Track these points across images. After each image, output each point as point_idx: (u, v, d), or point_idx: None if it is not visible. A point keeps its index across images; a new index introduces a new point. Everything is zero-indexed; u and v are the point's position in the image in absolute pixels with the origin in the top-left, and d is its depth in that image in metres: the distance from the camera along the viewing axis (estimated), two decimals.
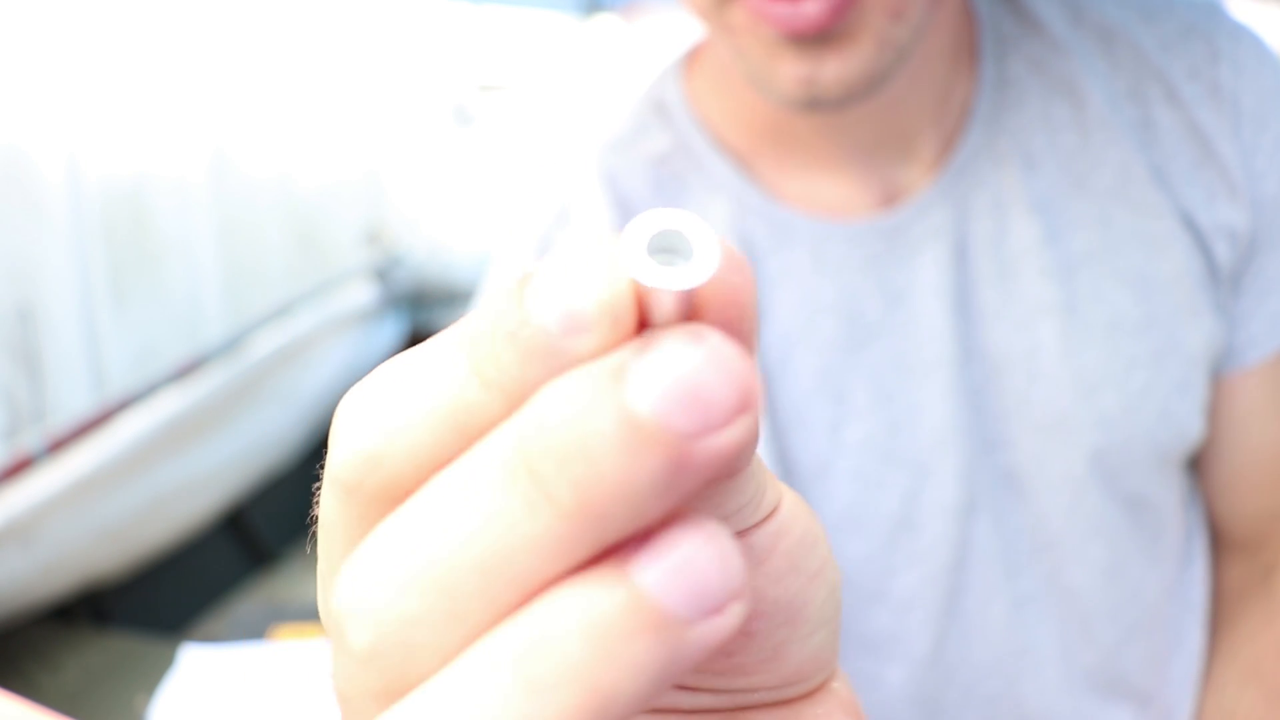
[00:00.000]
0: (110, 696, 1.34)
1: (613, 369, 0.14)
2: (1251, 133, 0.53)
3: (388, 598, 0.14)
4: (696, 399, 0.13)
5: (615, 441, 0.13)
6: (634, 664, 0.13)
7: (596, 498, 0.13)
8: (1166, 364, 0.54)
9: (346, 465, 0.15)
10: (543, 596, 0.14)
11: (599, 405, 0.13)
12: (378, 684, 0.15)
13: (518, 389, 0.14)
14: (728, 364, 0.14)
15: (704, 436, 0.13)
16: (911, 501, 0.56)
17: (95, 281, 1.56)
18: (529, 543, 0.14)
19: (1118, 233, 0.54)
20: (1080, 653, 0.57)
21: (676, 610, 0.14)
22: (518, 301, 0.14)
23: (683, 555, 0.14)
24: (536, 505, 0.13)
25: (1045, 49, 0.56)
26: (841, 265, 0.55)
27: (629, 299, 0.14)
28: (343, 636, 0.15)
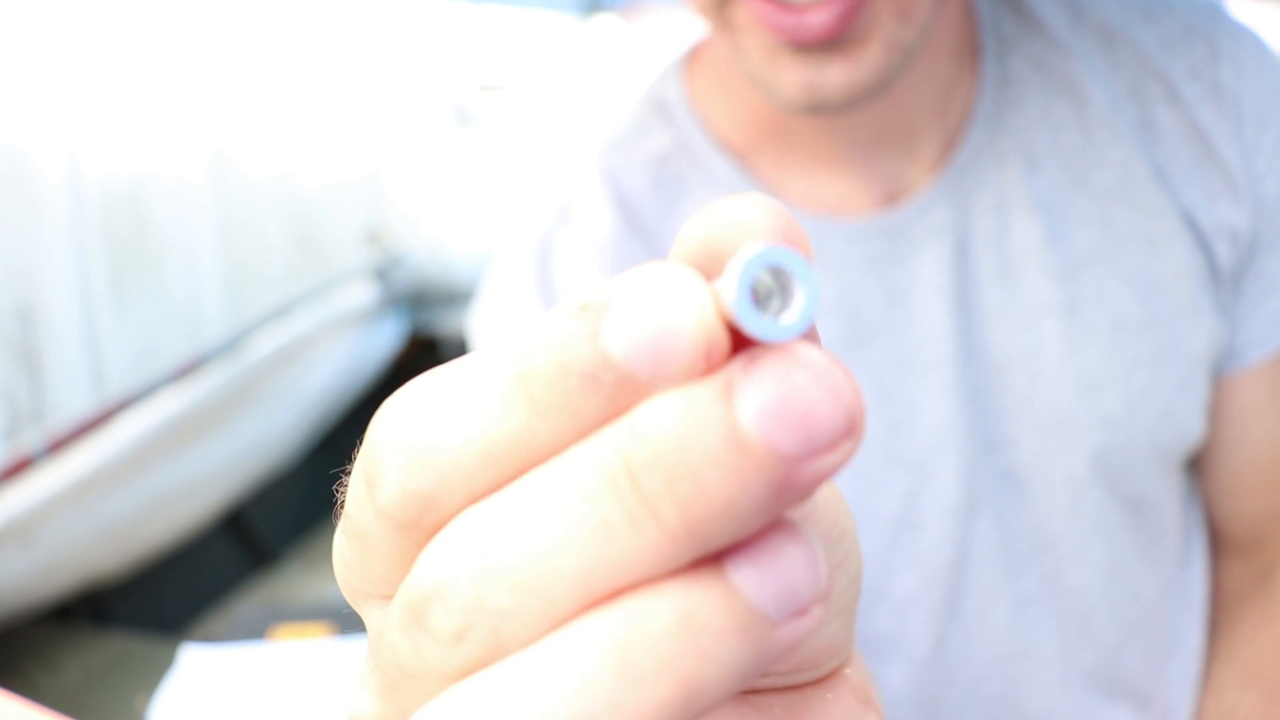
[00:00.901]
0: (110, 696, 1.34)
1: (721, 387, 0.14)
2: (1252, 133, 0.53)
3: (479, 590, 0.14)
4: (805, 421, 0.13)
5: (723, 461, 0.13)
6: (724, 659, 0.14)
7: (701, 517, 0.13)
8: (1168, 364, 0.54)
9: (398, 505, 0.15)
10: (642, 590, 0.14)
11: (707, 424, 0.13)
12: (456, 665, 0.15)
13: (592, 425, 0.14)
14: (837, 384, 0.14)
15: (810, 460, 0.14)
16: (912, 501, 0.55)
17: (95, 281, 1.56)
18: (629, 554, 0.14)
19: (1119, 232, 0.54)
20: (1080, 653, 0.57)
21: (768, 610, 0.14)
22: (590, 335, 0.14)
23: (777, 559, 0.14)
24: (640, 520, 0.14)
25: (1046, 48, 0.55)
26: (842, 264, 0.55)
27: (725, 336, 0.14)
28: (423, 619, 0.15)
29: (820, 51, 0.45)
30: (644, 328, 0.14)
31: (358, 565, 0.17)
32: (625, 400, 0.14)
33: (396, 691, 0.16)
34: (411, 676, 0.15)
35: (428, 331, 2.40)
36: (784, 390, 0.13)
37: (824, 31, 0.44)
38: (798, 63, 0.46)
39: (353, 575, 0.17)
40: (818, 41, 0.44)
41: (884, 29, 0.45)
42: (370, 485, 0.15)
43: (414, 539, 0.15)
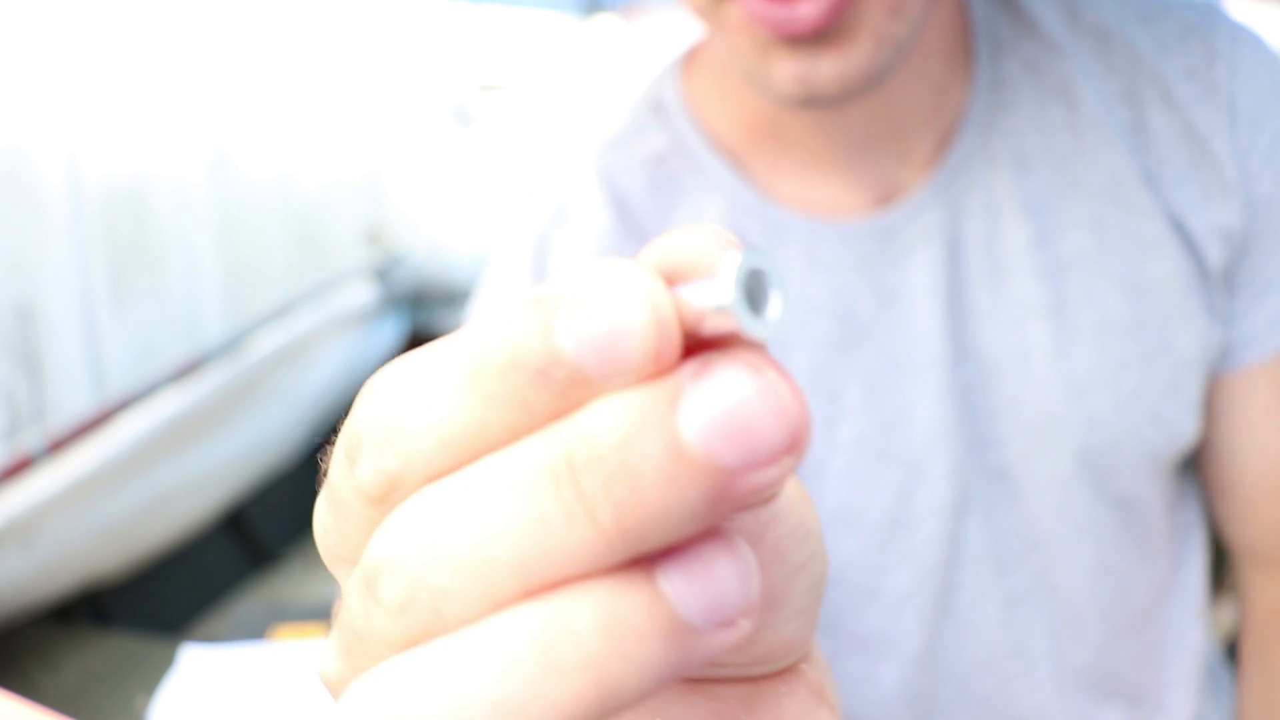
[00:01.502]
0: (110, 696, 1.34)
1: (668, 395, 0.14)
2: (1247, 132, 0.53)
3: (423, 567, 0.15)
4: (746, 436, 0.14)
5: (661, 469, 0.14)
6: (643, 663, 0.14)
7: (635, 520, 0.14)
8: (1157, 366, 0.54)
9: (371, 481, 0.16)
10: (572, 586, 0.14)
11: (650, 431, 0.14)
12: (400, 635, 0.15)
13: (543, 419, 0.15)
14: (782, 401, 0.14)
15: (747, 473, 0.14)
16: (904, 500, 0.56)
17: (95, 281, 1.56)
18: (564, 548, 0.14)
19: (1108, 234, 0.54)
20: (1072, 651, 0.58)
21: (692, 620, 0.14)
22: (542, 332, 0.14)
23: (707, 568, 0.14)
24: (576, 518, 0.14)
25: (1040, 50, 0.56)
26: (835, 265, 0.55)
27: (677, 339, 0.14)
28: (374, 588, 0.15)
29: (812, 44, 0.46)
30: (595, 326, 0.14)
31: (336, 532, 0.17)
32: (576, 396, 0.14)
33: (352, 653, 0.17)
34: (363, 640, 0.16)
35: (428, 331, 2.40)
36: (729, 402, 0.14)
37: (814, 23, 0.44)
38: (791, 56, 0.46)
39: (331, 541, 0.18)
40: (808, 33, 0.44)
41: (873, 23, 0.45)
42: (351, 460, 0.16)
43: (384, 512, 0.16)
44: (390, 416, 0.15)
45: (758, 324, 0.14)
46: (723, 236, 0.16)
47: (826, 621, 0.57)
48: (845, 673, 0.58)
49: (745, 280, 0.14)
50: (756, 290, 0.15)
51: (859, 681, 0.58)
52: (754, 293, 0.15)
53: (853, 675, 0.58)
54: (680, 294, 0.15)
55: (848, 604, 0.57)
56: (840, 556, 0.57)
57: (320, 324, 2.00)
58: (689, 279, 0.15)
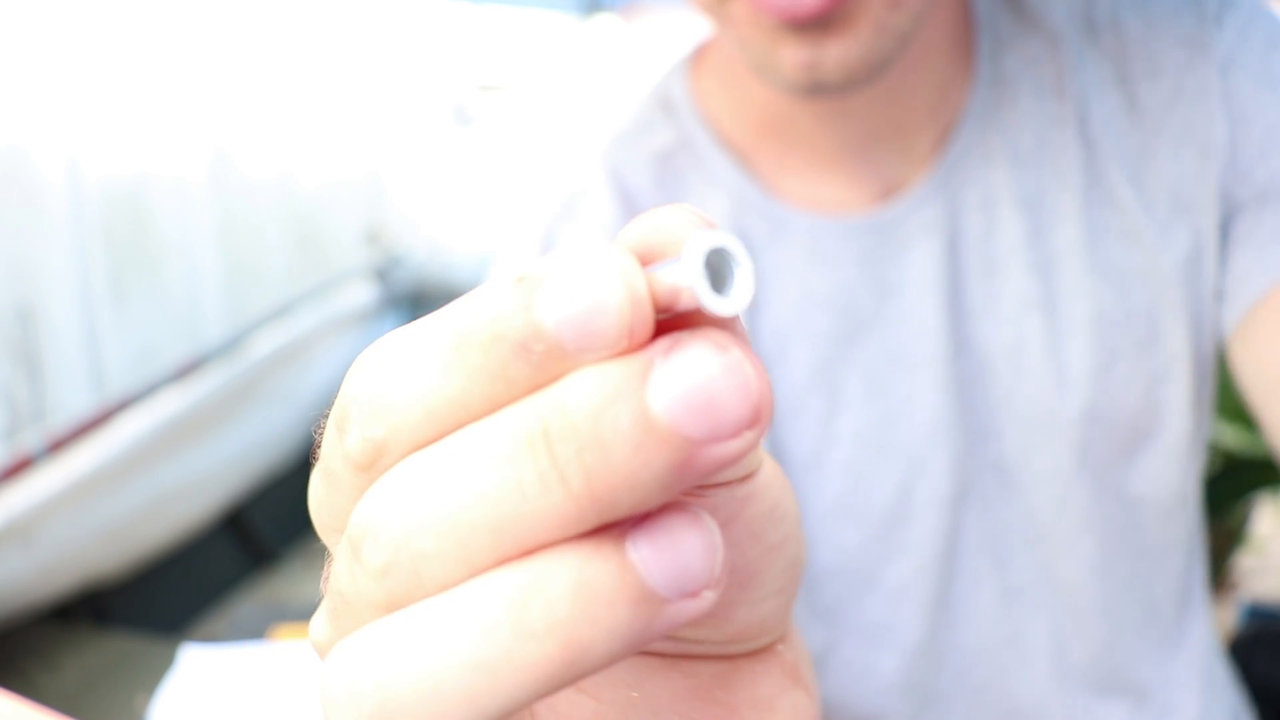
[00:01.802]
0: (110, 696, 1.34)
1: (639, 369, 0.15)
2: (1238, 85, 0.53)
3: (405, 531, 0.16)
4: (711, 410, 0.14)
5: (630, 438, 0.14)
6: (611, 628, 0.15)
7: (604, 486, 0.15)
8: (1149, 356, 0.54)
9: (359, 449, 0.16)
10: (545, 552, 0.15)
11: (621, 402, 0.14)
12: (383, 597, 0.16)
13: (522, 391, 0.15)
14: (746, 378, 0.15)
15: (711, 444, 0.15)
16: (904, 492, 0.56)
17: (95, 281, 1.56)
18: (537, 513, 0.15)
19: (1097, 227, 0.54)
20: (1072, 646, 0.58)
21: (658, 588, 0.15)
22: (523, 307, 0.15)
23: (674, 539, 0.15)
24: (549, 483, 0.15)
25: (1041, 45, 0.56)
26: (836, 260, 0.56)
27: (649, 315, 0.15)
28: (358, 551, 0.16)
29: (816, 32, 0.46)
30: (574, 302, 0.15)
31: (327, 501, 0.18)
32: (554, 369, 0.15)
33: (340, 617, 0.17)
34: (350, 604, 0.17)
35: None
36: (695, 378, 0.14)
37: (817, 8, 0.45)
38: (797, 44, 0.47)
39: (323, 510, 0.18)
40: (812, 17, 0.45)
41: (873, 12, 0.46)
42: (340, 430, 0.17)
43: (370, 480, 0.17)
44: (377, 387, 0.16)
45: (720, 301, 0.15)
46: (696, 216, 0.16)
47: (827, 612, 0.58)
48: (845, 662, 0.58)
49: (709, 259, 0.15)
50: (721, 269, 0.15)
51: (859, 671, 0.58)
52: (718, 271, 0.15)
53: (852, 665, 0.58)
54: (653, 273, 0.15)
55: (848, 594, 0.58)
56: (841, 547, 0.57)
57: (320, 324, 2.00)
58: (664, 257, 0.16)
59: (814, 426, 0.57)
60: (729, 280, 0.15)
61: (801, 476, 0.57)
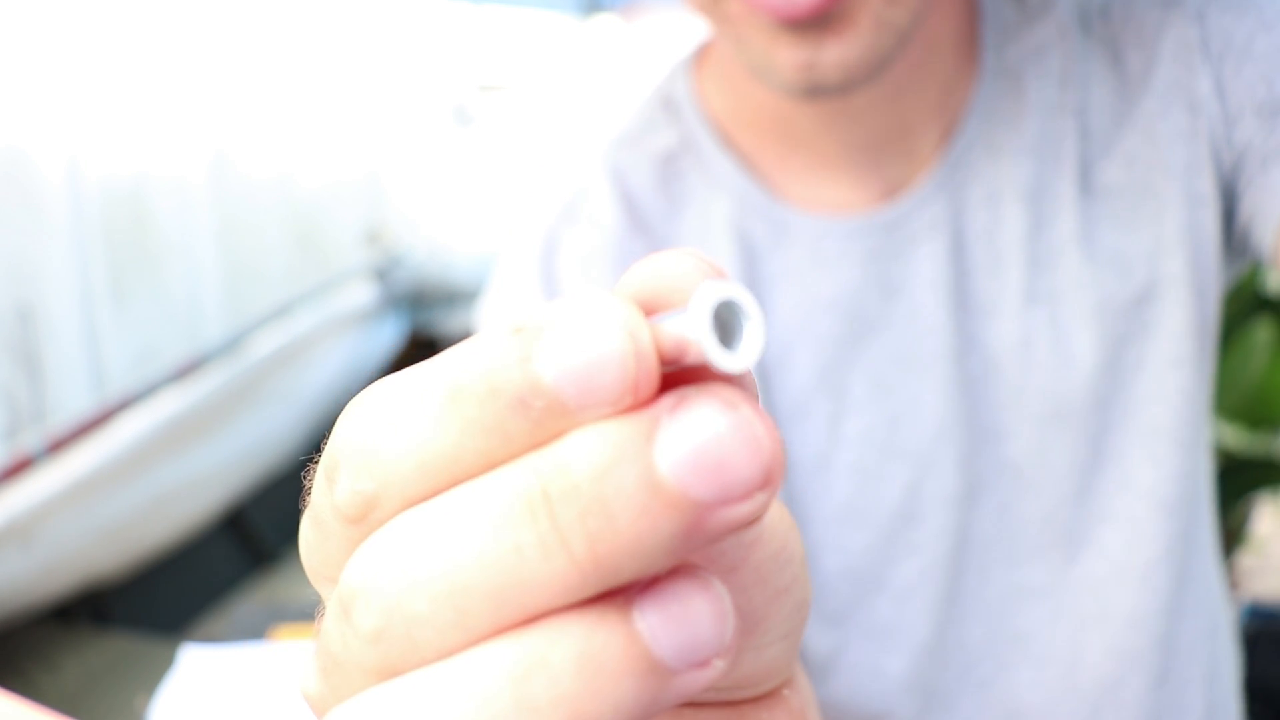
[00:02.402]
0: (110, 696, 1.34)
1: (645, 428, 0.14)
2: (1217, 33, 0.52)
3: (398, 593, 0.15)
4: (721, 471, 0.14)
5: (635, 501, 0.14)
6: (617, 701, 0.14)
7: (608, 552, 0.14)
8: (1155, 341, 0.54)
9: (348, 502, 0.16)
10: (548, 621, 0.14)
11: (626, 463, 0.14)
12: (375, 662, 0.15)
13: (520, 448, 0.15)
14: (757, 437, 0.14)
15: (722, 507, 0.14)
16: (912, 493, 0.56)
17: (95, 281, 1.56)
18: (538, 578, 0.14)
19: (1093, 215, 0.54)
20: (1086, 650, 0.57)
21: (667, 659, 0.14)
22: (521, 360, 0.14)
23: (683, 608, 0.15)
24: (551, 547, 0.14)
25: (1047, 33, 0.56)
26: (840, 261, 0.55)
27: (655, 370, 0.14)
28: (349, 613, 0.15)
29: (813, 29, 0.46)
30: (575, 356, 0.14)
31: (318, 549, 0.17)
32: (554, 425, 0.14)
33: (330, 676, 0.17)
34: (340, 665, 0.16)
35: (428, 331, 2.40)
36: (704, 438, 0.14)
37: (812, 7, 0.44)
38: (794, 44, 0.46)
39: (314, 558, 0.18)
40: (808, 16, 0.45)
41: (872, 8, 0.46)
42: (330, 480, 0.16)
43: (362, 533, 0.16)
44: (367, 438, 0.15)
45: (728, 357, 0.14)
46: (702, 263, 0.16)
47: (835, 615, 0.58)
48: (852, 665, 0.58)
49: (717, 312, 0.15)
50: (729, 321, 0.15)
51: (866, 673, 0.58)
52: (726, 324, 0.15)
53: (860, 667, 0.58)
54: (658, 324, 0.15)
55: (856, 597, 0.57)
56: (849, 550, 0.57)
57: (320, 324, 2.00)
58: (669, 306, 0.15)
59: (820, 430, 0.56)
60: (738, 333, 0.15)
61: (808, 480, 0.56)
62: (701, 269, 0.16)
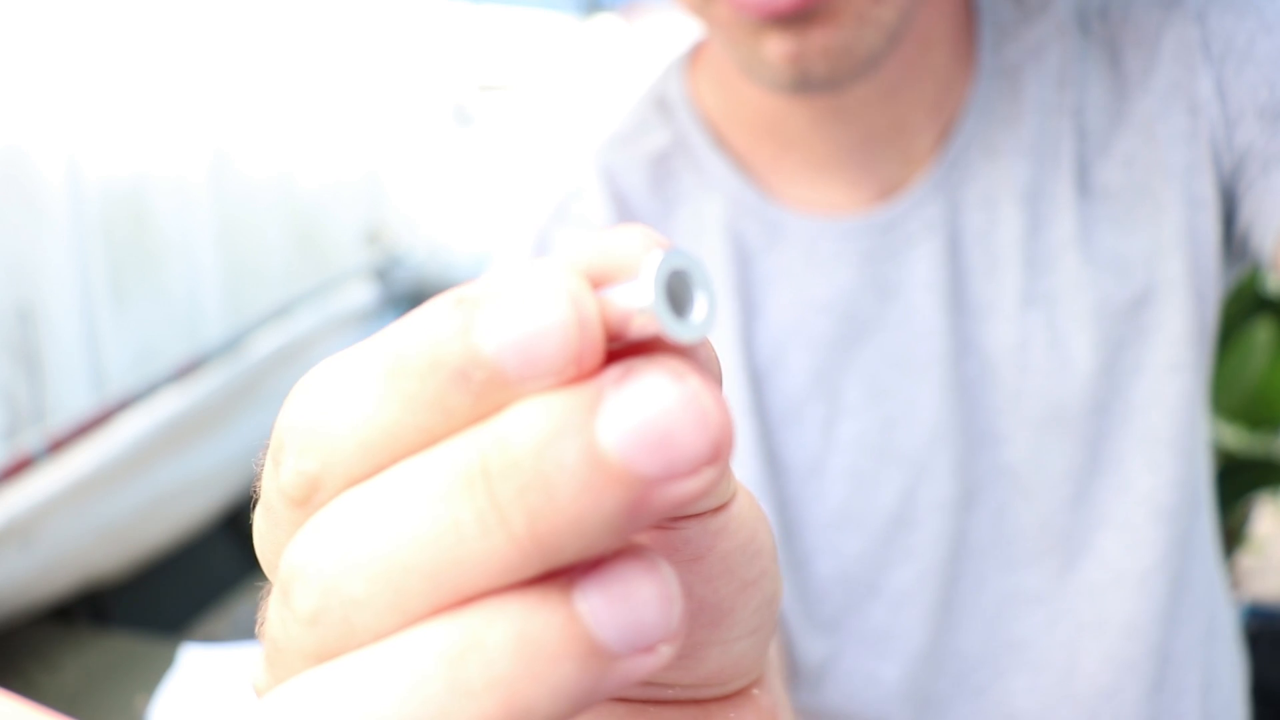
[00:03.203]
0: (110, 696, 1.34)
1: (588, 400, 0.13)
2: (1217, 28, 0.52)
3: (335, 575, 0.14)
4: (666, 445, 0.13)
5: (577, 476, 0.13)
6: (556, 685, 0.14)
7: (549, 529, 0.13)
8: (1154, 345, 0.53)
9: (292, 484, 0.15)
10: (485, 601, 0.14)
11: (567, 436, 0.13)
12: (313, 646, 0.15)
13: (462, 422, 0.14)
14: (705, 411, 0.13)
15: (667, 483, 0.13)
16: (908, 498, 0.55)
17: (95, 281, 1.55)
18: (476, 558, 0.14)
19: (1091, 216, 0.53)
20: (1083, 657, 0.56)
21: (609, 643, 0.14)
22: (462, 331, 0.14)
23: (626, 589, 0.14)
24: (489, 525, 0.13)
25: (1046, 31, 0.55)
26: (835, 262, 0.55)
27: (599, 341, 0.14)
28: (288, 596, 0.15)
29: (799, 22, 0.46)
30: (516, 325, 0.14)
31: (268, 537, 0.17)
32: (495, 399, 0.14)
33: (274, 664, 0.16)
34: (281, 651, 0.16)
35: None
36: (649, 410, 0.13)
37: (794, 2, 0.44)
38: (781, 36, 0.46)
39: (265, 547, 0.17)
40: (790, 11, 0.45)
41: (855, 4, 0.45)
42: (275, 463, 0.16)
43: (306, 515, 0.16)
44: (310, 416, 0.15)
45: (680, 326, 0.14)
46: (650, 237, 0.15)
47: (829, 622, 0.57)
48: (847, 673, 0.57)
49: (667, 281, 0.14)
50: (680, 292, 0.14)
51: (861, 679, 0.57)
52: (677, 295, 0.14)
53: (855, 674, 0.57)
54: (605, 296, 0.14)
55: (850, 603, 0.57)
56: (843, 556, 0.56)
57: (320, 324, 2.00)
58: (616, 281, 0.15)
59: (814, 434, 0.55)
60: (689, 305, 0.14)
61: (802, 485, 0.56)
62: (650, 242, 0.15)
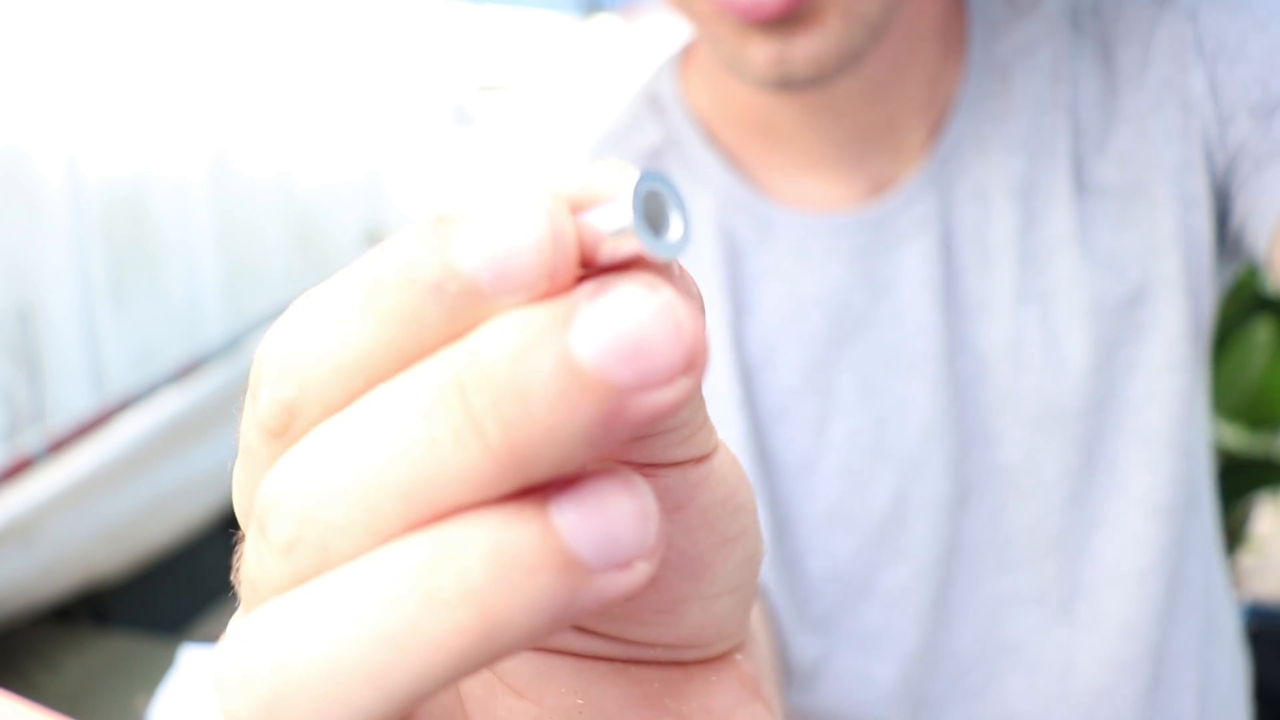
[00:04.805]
0: (110, 697, 1.34)
1: (562, 312, 0.14)
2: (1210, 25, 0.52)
3: (311, 503, 0.14)
4: (640, 354, 0.13)
5: (551, 386, 0.13)
6: (531, 599, 0.14)
7: (524, 439, 0.13)
8: (1149, 343, 0.53)
9: (269, 413, 0.15)
10: (459, 517, 0.14)
11: (540, 346, 0.13)
12: (289, 576, 0.15)
13: (436, 340, 0.14)
14: (678, 321, 0.14)
15: (642, 392, 0.13)
16: (901, 497, 0.55)
17: (95, 281, 1.55)
18: (452, 472, 0.14)
19: (1088, 213, 0.53)
20: (1078, 657, 0.56)
21: (584, 556, 0.14)
22: (439, 248, 0.14)
23: (602, 504, 0.14)
24: (464, 438, 0.13)
25: (1037, 28, 0.55)
26: (826, 258, 0.55)
27: (573, 256, 0.14)
28: (264, 528, 0.15)
29: (782, 26, 0.45)
30: (492, 239, 0.14)
31: (246, 483, 0.17)
32: (469, 314, 0.14)
33: (249, 604, 0.16)
34: (257, 590, 0.15)
35: None
36: (624, 319, 0.13)
37: (778, 7, 0.44)
38: (765, 40, 0.46)
39: (243, 496, 0.17)
40: (775, 15, 0.44)
41: (839, 2, 0.45)
42: (252, 396, 0.16)
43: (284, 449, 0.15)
44: (286, 345, 0.15)
45: (658, 244, 0.14)
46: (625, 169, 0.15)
47: (822, 621, 0.57)
48: (840, 673, 0.57)
49: (644, 202, 0.14)
50: (656, 213, 0.15)
51: (855, 680, 0.57)
52: (653, 215, 0.15)
53: (848, 675, 0.57)
54: (581, 219, 0.14)
55: (843, 603, 0.56)
56: (836, 555, 0.56)
57: None
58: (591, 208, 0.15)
59: (806, 431, 0.55)
60: (665, 224, 0.15)
61: (794, 483, 0.55)
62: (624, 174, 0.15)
